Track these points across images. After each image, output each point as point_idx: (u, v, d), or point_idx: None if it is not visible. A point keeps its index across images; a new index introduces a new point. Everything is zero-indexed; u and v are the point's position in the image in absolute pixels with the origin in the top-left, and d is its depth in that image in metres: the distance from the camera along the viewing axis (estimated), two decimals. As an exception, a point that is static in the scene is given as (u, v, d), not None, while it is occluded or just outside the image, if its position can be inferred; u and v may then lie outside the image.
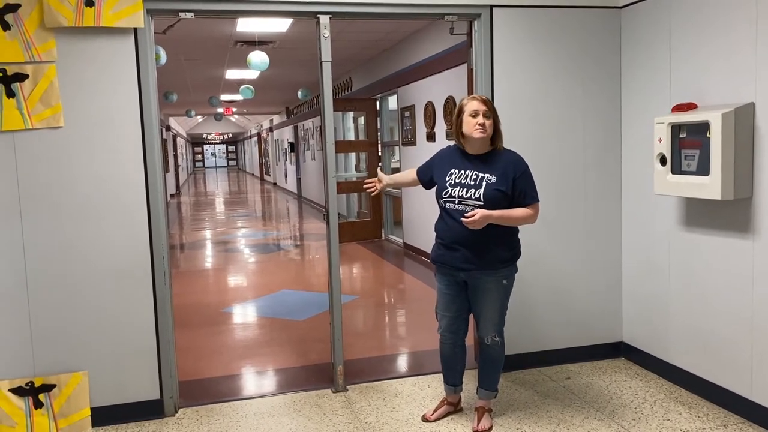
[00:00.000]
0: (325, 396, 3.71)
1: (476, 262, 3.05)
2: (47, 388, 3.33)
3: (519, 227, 3.17)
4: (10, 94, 3.20)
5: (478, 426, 3.22)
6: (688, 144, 3.37)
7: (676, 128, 3.42)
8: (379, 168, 3.15)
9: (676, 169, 3.43)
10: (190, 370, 4.11)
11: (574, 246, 4.07)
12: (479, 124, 3.01)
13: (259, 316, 5.76)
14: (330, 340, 3.85)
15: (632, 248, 4.04)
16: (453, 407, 3.42)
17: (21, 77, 3.20)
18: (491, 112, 3.06)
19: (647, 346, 3.96)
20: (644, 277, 3.94)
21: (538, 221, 3.18)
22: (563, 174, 4.01)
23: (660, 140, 3.48)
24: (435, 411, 3.38)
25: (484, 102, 3.06)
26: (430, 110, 7.39)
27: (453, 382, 3.39)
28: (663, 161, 3.48)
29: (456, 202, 3.05)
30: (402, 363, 4.44)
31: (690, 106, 3.40)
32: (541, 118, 3.95)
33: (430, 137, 7.43)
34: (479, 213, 2.91)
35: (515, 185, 3.02)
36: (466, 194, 3.03)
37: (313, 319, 5.43)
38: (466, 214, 2.95)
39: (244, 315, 5.84)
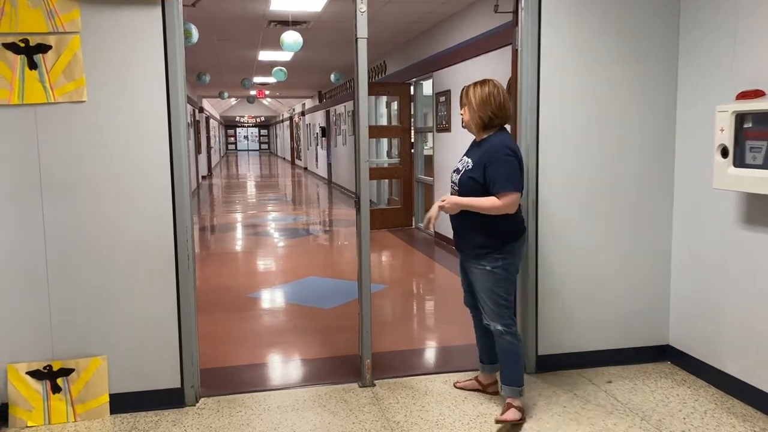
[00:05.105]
0: (352, 391, 3.54)
1: (462, 247, 3.20)
2: (65, 372, 3.22)
3: (523, 215, 3.19)
4: (33, 65, 3.07)
5: (501, 416, 3.11)
6: (753, 135, 3.08)
7: (740, 117, 3.13)
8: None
9: (740, 162, 3.14)
10: (212, 357, 3.98)
11: (619, 240, 3.81)
12: (461, 114, 3.23)
13: (285, 302, 5.62)
14: (358, 331, 3.67)
15: (684, 245, 3.76)
16: (481, 387, 3.42)
17: (44, 48, 3.07)
18: (466, 101, 3.15)
19: (696, 350, 3.69)
20: (696, 277, 3.66)
21: (577, 211, 3.40)
22: (611, 162, 3.75)
23: (722, 130, 3.20)
24: (465, 381, 3.51)
25: (461, 95, 3.20)
26: (466, 95, 7.12)
27: (480, 358, 3.44)
28: (724, 153, 3.20)
29: (451, 186, 3.22)
30: (432, 358, 4.25)
31: (757, 94, 3.11)
32: (589, 101, 3.69)
33: (466, 123, 7.17)
34: (448, 199, 3.07)
35: (486, 173, 3.00)
36: (455, 179, 3.17)
37: (341, 308, 5.27)
38: (441, 199, 3.13)
39: (271, 301, 5.71)
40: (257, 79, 15.31)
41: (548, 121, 3.64)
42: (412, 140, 9.83)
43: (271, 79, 14.54)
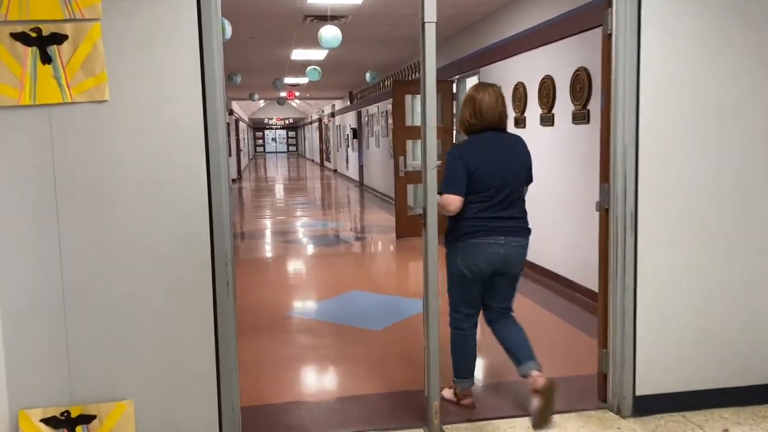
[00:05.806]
0: (418, 439, 3.02)
1: None
2: (86, 419, 2.74)
3: (487, 214, 3.15)
4: (46, 59, 2.60)
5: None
6: None
7: None
8: None
9: None
10: (250, 393, 3.47)
11: (729, 261, 3.22)
12: None
13: (328, 321, 5.09)
14: (424, 368, 3.15)
15: (812, 266, 3.16)
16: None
17: (59, 38, 2.59)
18: None
19: (829, 392, 3.09)
20: (830, 305, 3.06)
21: (682, 227, 3.12)
22: (720, 171, 3.16)
23: None
24: None
25: None
26: (520, 92, 6.55)
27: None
28: None
29: None
30: (508, 396, 3.56)
31: None
32: (699, 99, 3.12)
33: (520, 122, 6.60)
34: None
35: None
36: None
37: (392, 330, 4.73)
38: None
39: (312, 320, 5.18)
40: (289, 80, 14.91)
41: (650, 121, 3.07)
42: (454, 140, 9.27)
43: (302, 80, 14.13)
